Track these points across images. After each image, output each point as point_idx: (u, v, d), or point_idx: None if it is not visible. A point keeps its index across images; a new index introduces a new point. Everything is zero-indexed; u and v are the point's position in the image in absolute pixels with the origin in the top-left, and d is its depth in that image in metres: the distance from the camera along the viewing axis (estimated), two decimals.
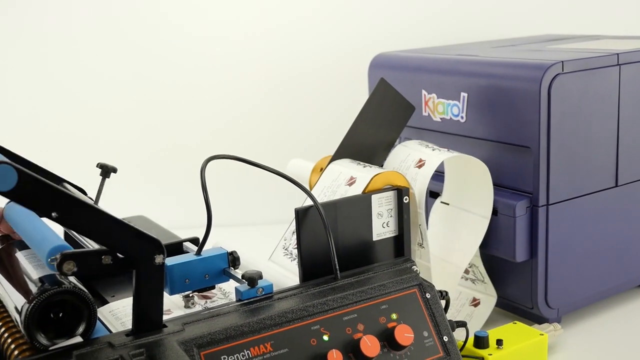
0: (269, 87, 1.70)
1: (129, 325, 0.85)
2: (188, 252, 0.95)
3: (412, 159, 1.04)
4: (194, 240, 1.06)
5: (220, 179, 1.59)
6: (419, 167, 1.03)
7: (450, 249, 1.12)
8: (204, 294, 0.94)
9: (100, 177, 1.02)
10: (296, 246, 0.99)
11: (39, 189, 0.70)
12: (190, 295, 0.92)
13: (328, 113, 1.70)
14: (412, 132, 1.25)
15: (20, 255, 0.88)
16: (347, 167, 1.03)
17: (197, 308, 0.91)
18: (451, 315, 1.13)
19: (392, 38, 1.65)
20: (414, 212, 1.01)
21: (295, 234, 1.01)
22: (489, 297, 1.13)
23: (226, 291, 0.95)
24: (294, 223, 1.03)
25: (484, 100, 1.10)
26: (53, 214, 0.71)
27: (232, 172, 1.50)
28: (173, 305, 0.92)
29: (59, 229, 0.89)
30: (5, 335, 0.81)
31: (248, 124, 1.71)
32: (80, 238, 0.98)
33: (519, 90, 1.05)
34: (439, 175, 1.14)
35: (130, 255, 0.76)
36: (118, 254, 0.76)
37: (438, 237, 1.15)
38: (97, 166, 1.02)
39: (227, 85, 1.70)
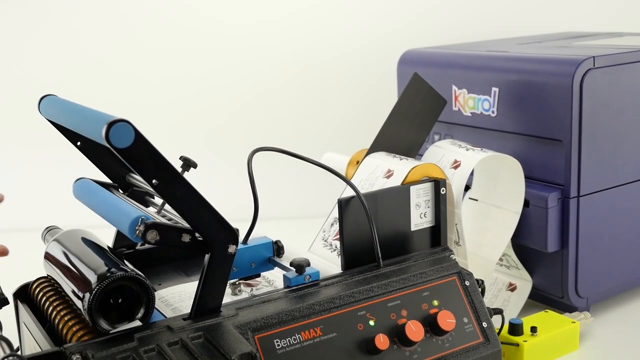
0: (299, 82, 1.73)
1: (179, 311, 0.88)
2: None
3: (447, 160, 1.07)
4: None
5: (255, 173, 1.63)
6: (455, 167, 1.06)
7: (480, 244, 1.15)
8: (249, 282, 0.97)
9: (181, 169, 1.05)
10: (335, 237, 1.03)
11: (150, 153, 0.74)
12: (237, 282, 0.95)
13: (357, 108, 1.73)
14: (442, 127, 1.28)
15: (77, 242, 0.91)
16: (384, 160, 1.06)
17: (244, 295, 0.94)
18: (489, 300, 1.16)
19: (399, 35, 1.68)
20: (451, 209, 1.03)
21: (333, 225, 1.05)
22: (524, 282, 1.16)
23: (270, 279, 0.98)
24: (332, 215, 1.06)
25: (515, 95, 1.13)
26: (154, 181, 0.74)
27: (266, 166, 1.53)
28: None
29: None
30: (65, 319, 0.84)
31: (277, 119, 1.74)
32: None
33: (551, 85, 1.07)
34: None
35: (208, 239, 0.79)
36: (197, 236, 0.79)
37: (467, 231, 1.18)
38: (179, 159, 1.05)
39: (259, 81, 1.73)
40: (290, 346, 0.81)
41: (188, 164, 1.06)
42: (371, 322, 0.86)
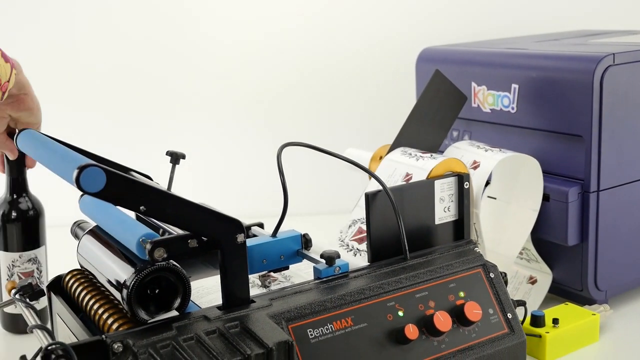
0: (319, 79, 1.75)
1: (211, 303, 0.90)
2: (257, 236, 1.00)
3: (466, 161, 1.09)
4: (260, 225, 1.11)
5: (274, 170, 1.65)
6: (474, 168, 1.08)
7: (499, 241, 1.16)
8: (265, 276, 1.00)
9: (171, 165, 1.07)
10: (352, 238, 1.05)
11: (128, 187, 0.75)
12: (267, 274, 0.97)
13: (376, 105, 1.75)
14: (461, 123, 1.30)
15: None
16: (408, 155, 1.08)
17: (272, 287, 0.96)
18: (510, 293, 1.18)
19: (416, 33, 1.70)
20: (470, 208, 1.05)
21: (351, 227, 1.07)
22: (545, 274, 1.18)
23: (287, 275, 1.00)
24: (352, 216, 1.08)
25: (535, 91, 1.15)
26: (141, 208, 0.76)
27: (286, 163, 1.55)
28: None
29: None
30: (102, 309, 0.86)
31: (297, 115, 1.76)
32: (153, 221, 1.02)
33: (571, 81, 1.09)
34: None
35: (214, 237, 0.81)
36: (202, 237, 0.81)
37: (486, 229, 1.20)
38: (166, 154, 1.07)
39: (280, 78, 1.75)
40: (322, 335, 0.83)
41: (176, 156, 1.08)
42: (400, 313, 0.88)
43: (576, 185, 1.11)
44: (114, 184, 0.74)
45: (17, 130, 1.05)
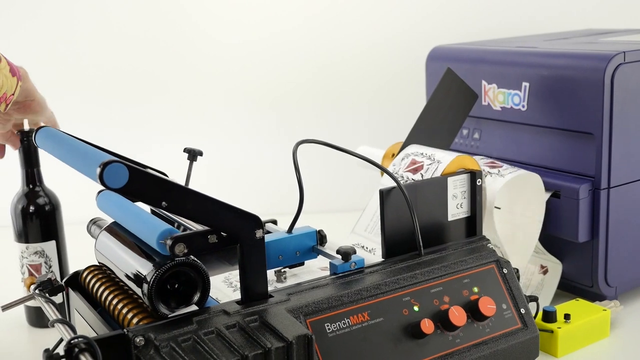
0: (329, 77, 1.76)
1: (228, 298, 0.91)
2: (272, 233, 1.01)
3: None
4: (274, 222, 1.12)
5: (284, 168, 1.65)
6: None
7: (508, 251, 1.17)
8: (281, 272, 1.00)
9: (188, 161, 1.08)
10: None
11: (149, 183, 0.76)
12: (282, 270, 0.98)
13: (386, 103, 1.76)
14: (471, 121, 1.31)
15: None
16: (416, 157, 1.09)
17: (288, 283, 0.97)
18: (523, 284, 1.19)
19: (425, 32, 1.72)
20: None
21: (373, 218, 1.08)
22: (555, 264, 1.19)
23: (295, 274, 1.01)
24: (367, 209, 1.09)
25: (546, 89, 1.16)
26: (163, 204, 0.77)
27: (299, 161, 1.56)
28: None
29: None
30: (120, 305, 0.87)
31: (308, 114, 1.78)
32: (168, 215, 1.04)
33: (582, 79, 1.10)
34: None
35: (233, 233, 0.82)
36: (222, 233, 0.82)
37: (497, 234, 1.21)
38: (184, 150, 1.08)
39: (289, 76, 1.76)
40: (340, 330, 0.84)
41: (194, 153, 1.09)
42: (415, 308, 0.90)
43: (587, 182, 1.12)
44: (136, 180, 0.75)
45: (34, 129, 1.06)
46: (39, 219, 1.17)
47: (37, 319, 1.21)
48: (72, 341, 0.75)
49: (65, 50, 1.71)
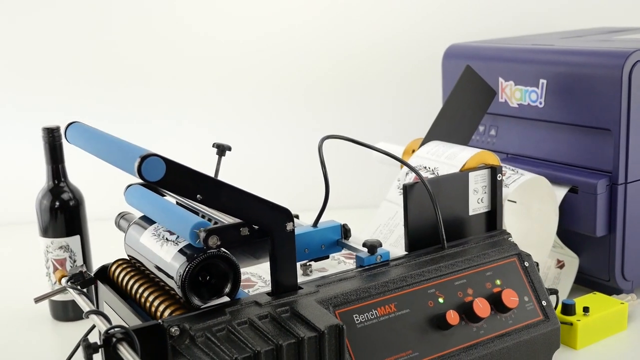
0: (347, 74, 1.79)
1: (257, 290, 0.93)
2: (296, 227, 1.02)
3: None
4: (296, 217, 1.14)
5: (301, 165, 1.68)
6: None
7: (526, 245, 1.19)
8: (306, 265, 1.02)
9: (217, 156, 1.10)
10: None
11: (186, 176, 0.78)
12: (308, 263, 1.00)
13: (402, 100, 1.78)
14: (488, 118, 1.32)
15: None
16: (441, 148, 1.11)
17: (314, 276, 0.99)
18: None
19: (436, 31, 1.74)
20: None
21: (408, 174, 1.09)
22: (571, 258, 1.21)
23: (321, 267, 1.03)
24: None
25: (564, 86, 1.18)
26: (198, 196, 0.79)
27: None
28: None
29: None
30: (151, 298, 0.89)
31: (326, 110, 1.80)
32: (194, 207, 1.05)
33: (600, 76, 1.12)
34: (516, 159, 1.22)
35: (265, 225, 0.84)
36: (254, 226, 0.84)
37: (511, 232, 1.22)
38: (213, 146, 1.10)
39: (308, 73, 1.78)
40: (368, 321, 0.86)
41: (222, 148, 1.11)
42: (440, 300, 0.91)
43: (604, 177, 1.14)
44: (173, 172, 0.77)
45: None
46: (64, 214, 1.19)
47: (62, 312, 1.23)
48: (109, 331, 0.77)
49: (94, 41, 1.73)
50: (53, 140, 1.17)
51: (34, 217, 1.21)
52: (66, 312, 1.22)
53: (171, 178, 0.77)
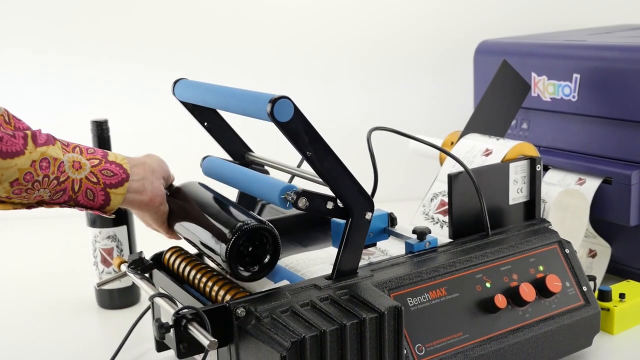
0: (380, 69, 1.83)
1: (308, 276, 0.97)
2: None
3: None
4: None
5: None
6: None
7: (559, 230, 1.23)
8: (365, 250, 1.06)
9: None
10: (437, 211, 1.11)
11: (306, 127, 0.82)
12: None
13: (436, 94, 1.83)
14: (520, 112, 1.36)
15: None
16: (480, 140, 1.14)
17: (363, 262, 1.02)
18: None
19: (468, 28, 1.78)
20: None
21: (433, 200, 1.13)
22: (603, 248, 1.24)
23: (384, 249, 1.07)
24: (431, 190, 1.14)
25: (597, 80, 1.21)
26: (308, 153, 0.83)
27: (355, 151, 1.61)
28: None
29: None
30: (210, 283, 0.92)
31: (353, 107, 1.84)
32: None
33: (634, 70, 1.16)
34: (548, 151, 1.26)
35: (349, 206, 0.88)
36: (339, 204, 0.88)
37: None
38: None
39: (339, 70, 1.83)
40: (421, 304, 0.90)
41: None
42: (487, 284, 0.95)
43: (638, 168, 1.17)
44: (298, 119, 0.81)
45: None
46: None
47: (108, 300, 1.26)
48: (180, 312, 0.81)
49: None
50: (102, 132, 1.20)
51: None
52: (112, 300, 1.26)
53: (295, 124, 0.81)
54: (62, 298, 1.33)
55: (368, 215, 0.89)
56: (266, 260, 0.89)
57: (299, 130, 0.82)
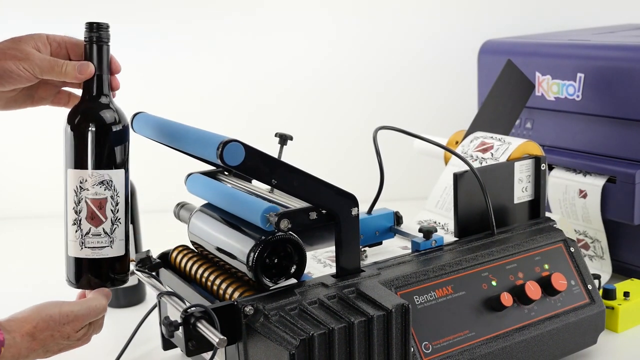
0: (385, 70, 1.83)
1: (315, 275, 0.97)
2: None
3: (573, 190, 1.22)
4: None
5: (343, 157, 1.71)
6: (583, 197, 1.21)
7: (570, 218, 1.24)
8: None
9: (279, 145, 1.13)
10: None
11: (263, 161, 0.82)
12: (362, 249, 1.04)
13: (441, 94, 1.83)
14: (524, 111, 1.36)
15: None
16: (486, 139, 1.15)
17: (368, 261, 1.03)
18: None
19: (472, 27, 1.79)
20: None
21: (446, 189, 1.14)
22: (603, 273, 1.25)
23: (375, 253, 1.06)
24: (437, 185, 1.15)
25: (602, 80, 1.22)
26: (273, 181, 0.83)
27: (358, 151, 1.61)
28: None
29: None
30: (218, 281, 0.93)
31: (360, 106, 1.84)
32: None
33: (638, 70, 1.16)
34: (552, 151, 1.27)
35: (332, 210, 0.88)
36: (322, 210, 0.88)
37: (555, 206, 1.27)
38: (275, 135, 1.13)
39: (347, 71, 1.83)
40: (427, 302, 0.90)
41: (284, 138, 1.15)
42: (493, 283, 0.96)
43: None
44: (251, 158, 0.81)
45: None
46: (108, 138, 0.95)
47: (114, 299, 1.26)
48: (188, 310, 0.82)
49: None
50: (99, 39, 0.89)
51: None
52: (118, 299, 1.26)
53: (250, 163, 0.81)
54: (66, 297, 1.33)
55: (354, 211, 0.89)
56: (293, 270, 0.90)
57: (255, 167, 0.82)
